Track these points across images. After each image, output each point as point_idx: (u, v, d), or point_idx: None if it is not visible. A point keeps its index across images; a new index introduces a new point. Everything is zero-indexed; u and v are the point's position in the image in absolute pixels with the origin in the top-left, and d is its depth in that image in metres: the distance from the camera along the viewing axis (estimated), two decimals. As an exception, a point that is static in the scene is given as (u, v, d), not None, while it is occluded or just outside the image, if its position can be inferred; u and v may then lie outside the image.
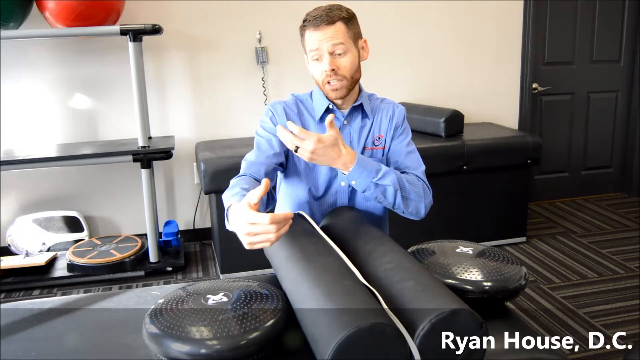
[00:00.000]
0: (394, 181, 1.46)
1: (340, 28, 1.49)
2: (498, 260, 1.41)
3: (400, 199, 1.47)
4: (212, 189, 2.91)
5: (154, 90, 3.31)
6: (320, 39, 1.48)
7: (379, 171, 1.45)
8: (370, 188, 1.45)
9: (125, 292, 1.51)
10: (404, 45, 3.65)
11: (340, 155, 1.39)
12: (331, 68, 1.48)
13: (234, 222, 1.17)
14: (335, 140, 1.37)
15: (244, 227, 1.12)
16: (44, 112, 3.22)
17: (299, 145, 1.36)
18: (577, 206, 4.08)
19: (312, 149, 1.34)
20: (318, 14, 1.48)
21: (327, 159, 1.38)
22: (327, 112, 1.59)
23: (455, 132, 3.30)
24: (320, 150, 1.35)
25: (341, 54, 1.49)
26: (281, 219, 1.10)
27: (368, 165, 1.45)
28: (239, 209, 1.15)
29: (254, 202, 1.14)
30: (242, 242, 1.14)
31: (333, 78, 1.50)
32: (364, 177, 1.43)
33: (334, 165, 1.41)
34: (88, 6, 2.75)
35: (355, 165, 1.41)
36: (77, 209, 3.33)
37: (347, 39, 1.49)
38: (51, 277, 2.97)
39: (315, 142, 1.34)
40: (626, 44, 4.07)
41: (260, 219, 1.09)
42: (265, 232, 1.10)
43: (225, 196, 1.36)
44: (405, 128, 1.64)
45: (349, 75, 1.51)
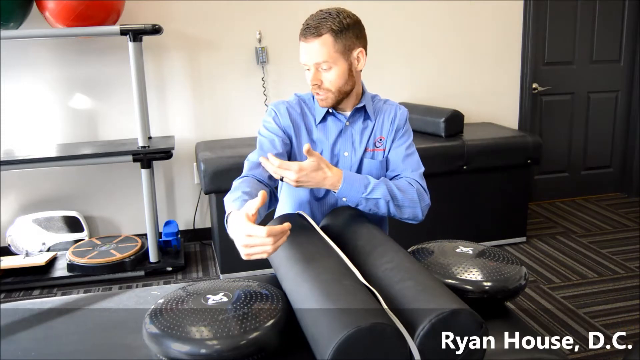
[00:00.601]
0: (384, 193, 1.48)
1: (327, 42, 1.46)
2: (498, 260, 1.41)
3: (394, 208, 1.50)
4: (212, 189, 2.91)
5: (154, 90, 3.31)
6: (307, 52, 1.49)
7: (368, 185, 1.48)
8: (361, 203, 1.48)
9: (125, 292, 1.51)
10: (404, 45, 3.65)
11: (326, 177, 1.43)
12: (313, 83, 1.50)
13: (232, 231, 1.20)
14: (317, 166, 1.40)
15: (241, 239, 1.14)
16: (44, 112, 3.22)
17: (282, 175, 1.40)
18: (577, 206, 4.08)
19: (295, 178, 1.38)
20: (310, 22, 1.47)
21: (314, 183, 1.42)
22: (328, 115, 1.60)
23: (455, 132, 3.30)
24: (304, 177, 1.39)
25: (326, 69, 1.49)
26: (278, 231, 1.13)
27: (356, 181, 1.47)
28: (237, 218, 1.17)
29: (252, 214, 1.17)
30: (240, 252, 1.16)
31: (318, 90, 1.52)
32: (354, 194, 1.47)
33: (322, 186, 1.45)
34: (88, 6, 2.75)
35: (343, 184, 1.45)
36: (77, 209, 3.33)
37: (332, 53, 1.46)
38: (51, 277, 2.97)
39: (296, 171, 1.37)
40: (626, 44, 4.07)
41: (257, 232, 1.12)
42: (262, 244, 1.13)
43: (227, 199, 1.36)
44: (407, 130, 1.65)
45: (334, 89, 1.52)
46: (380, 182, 1.50)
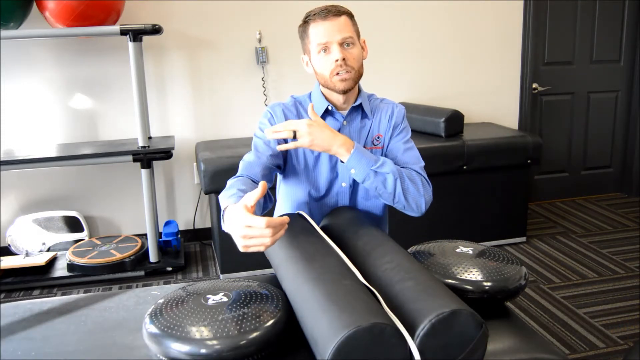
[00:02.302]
0: (393, 170, 1.47)
1: (347, 21, 1.52)
2: (498, 260, 1.41)
3: (401, 189, 1.47)
4: (212, 189, 2.91)
5: (154, 90, 3.31)
6: (329, 30, 1.49)
7: (378, 160, 1.48)
8: (369, 177, 1.46)
9: (125, 292, 1.51)
10: (404, 45, 3.65)
11: (336, 137, 1.44)
12: (342, 57, 1.49)
13: (229, 224, 1.16)
14: (323, 123, 1.45)
15: (239, 230, 1.10)
16: (44, 112, 3.22)
17: (295, 128, 1.42)
18: (577, 206, 4.08)
19: (306, 128, 1.40)
20: (323, 7, 1.51)
21: (325, 138, 1.43)
22: (326, 114, 1.60)
23: (455, 132, 3.30)
24: (316, 129, 1.41)
25: (350, 45, 1.51)
26: (277, 223, 1.10)
27: (366, 153, 1.47)
28: (235, 210, 1.14)
29: (251, 205, 1.14)
30: (237, 244, 1.13)
31: (343, 68, 1.50)
32: (363, 165, 1.45)
33: (333, 147, 1.44)
34: (88, 6, 2.75)
35: (355, 151, 1.45)
36: (77, 209, 3.33)
37: (353, 32, 1.53)
38: (51, 277, 2.97)
39: (308, 124, 1.41)
40: (626, 44, 4.07)
41: (256, 223, 1.08)
42: (261, 236, 1.09)
43: (222, 196, 1.35)
44: (405, 127, 1.64)
45: (356, 67, 1.53)
46: (389, 160, 1.50)
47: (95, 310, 1.41)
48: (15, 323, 1.36)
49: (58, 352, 1.22)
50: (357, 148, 1.45)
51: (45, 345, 1.26)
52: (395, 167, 1.49)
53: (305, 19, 1.53)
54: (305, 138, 1.41)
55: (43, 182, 3.28)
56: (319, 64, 1.53)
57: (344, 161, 1.45)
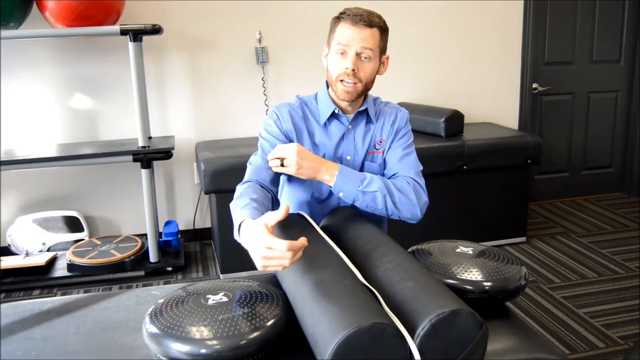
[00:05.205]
0: (380, 187, 1.48)
1: (375, 35, 1.51)
2: (498, 260, 1.41)
3: (392, 204, 1.49)
4: (212, 189, 2.91)
5: (154, 90, 3.31)
6: (353, 36, 1.48)
7: (364, 180, 1.48)
8: (358, 197, 1.48)
9: (125, 292, 1.51)
10: (404, 45, 3.65)
11: (322, 163, 1.47)
12: (352, 67, 1.48)
13: (247, 240, 1.17)
14: (308, 152, 1.48)
15: (260, 251, 1.11)
16: (44, 112, 3.22)
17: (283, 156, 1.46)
18: (577, 206, 4.08)
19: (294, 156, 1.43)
20: (359, 12, 1.50)
21: (312, 168, 1.46)
22: (332, 117, 1.60)
23: (455, 132, 3.30)
24: (302, 158, 1.44)
25: (366, 58, 1.50)
26: (298, 247, 1.10)
27: (352, 174, 1.48)
28: (255, 229, 1.14)
29: (271, 225, 1.14)
30: (255, 263, 1.13)
31: (350, 78, 1.50)
32: (350, 187, 1.47)
33: (319, 174, 1.47)
34: (88, 6, 2.75)
35: (339, 176, 1.46)
36: (77, 209, 3.33)
37: (376, 47, 1.51)
38: (51, 277, 2.97)
39: (295, 149, 1.44)
40: (626, 44, 4.07)
41: (278, 245, 1.08)
42: (281, 258, 1.10)
43: (233, 206, 1.35)
44: (407, 132, 1.64)
45: (365, 81, 1.52)
46: (376, 177, 1.50)
47: (95, 310, 1.41)
48: (15, 323, 1.36)
49: (58, 352, 1.22)
50: (340, 171, 1.47)
51: (45, 345, 1.25)
52: (382, 182, 1.49)
53: (340, 14, 1.52)
54: (292, 167, 1.45)
55: (43, 182, 3.28)
56: (332, 63, 1.53)
57: (331, 186, 1.48)
